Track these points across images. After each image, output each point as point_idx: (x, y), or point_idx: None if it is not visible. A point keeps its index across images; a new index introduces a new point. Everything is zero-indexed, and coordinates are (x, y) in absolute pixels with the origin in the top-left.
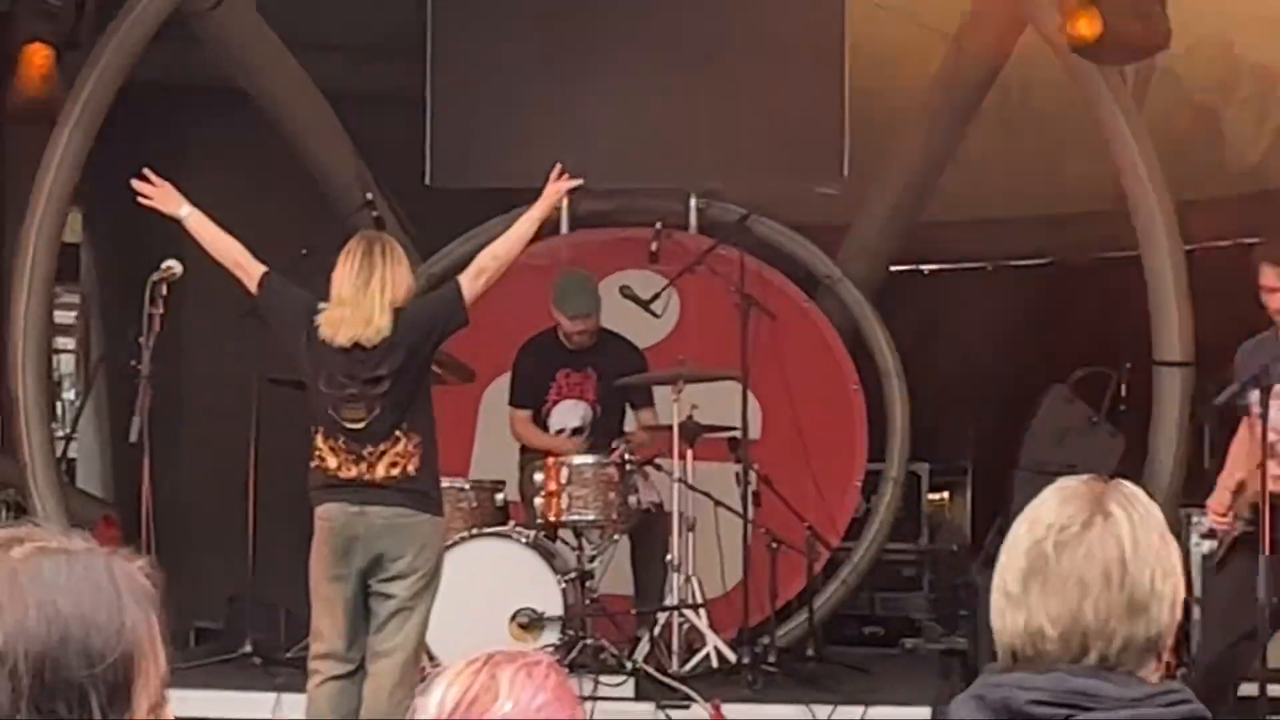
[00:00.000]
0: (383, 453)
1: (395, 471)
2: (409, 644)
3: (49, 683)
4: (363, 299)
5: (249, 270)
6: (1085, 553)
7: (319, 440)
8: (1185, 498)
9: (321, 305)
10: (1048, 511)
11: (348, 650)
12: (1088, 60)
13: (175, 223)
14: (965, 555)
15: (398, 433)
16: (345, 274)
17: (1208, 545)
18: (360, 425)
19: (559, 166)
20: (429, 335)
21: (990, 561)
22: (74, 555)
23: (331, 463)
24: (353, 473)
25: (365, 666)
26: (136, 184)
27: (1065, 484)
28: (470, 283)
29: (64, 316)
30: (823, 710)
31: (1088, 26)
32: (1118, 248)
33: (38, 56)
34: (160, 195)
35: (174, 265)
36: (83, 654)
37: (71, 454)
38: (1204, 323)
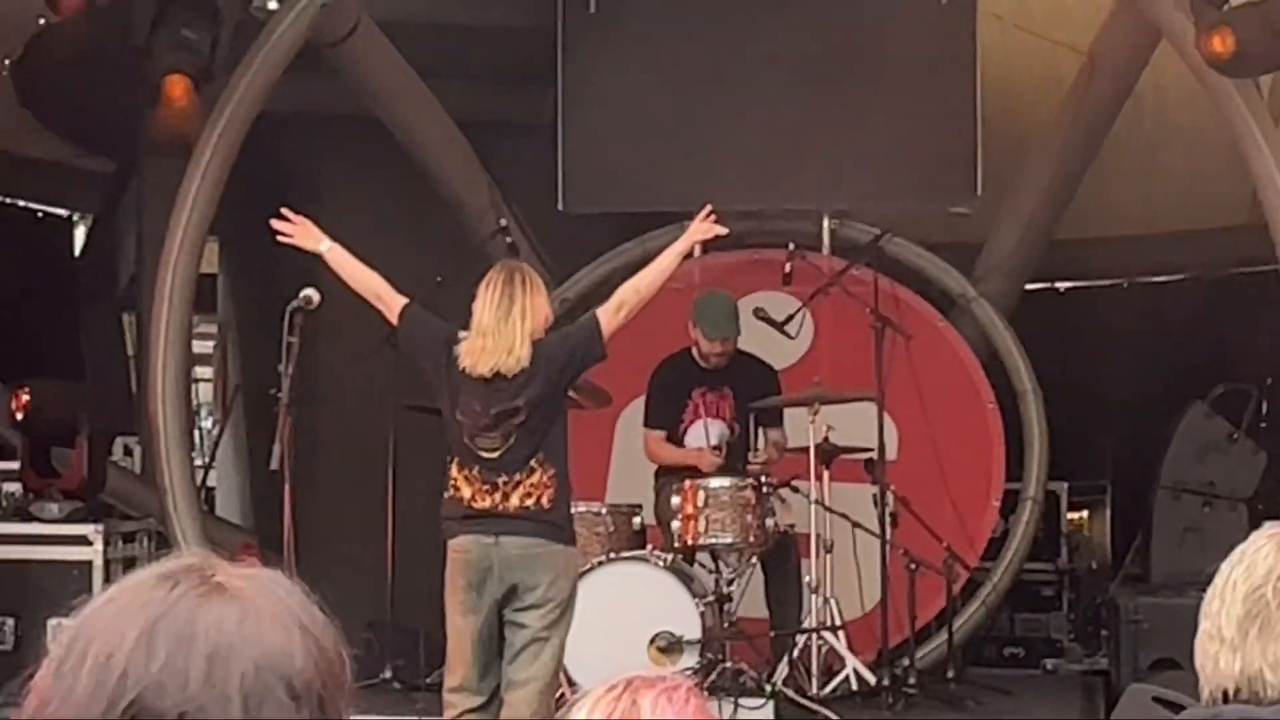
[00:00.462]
0: (518, 483)
1: (529, 503)
2: (545, 674)
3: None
4: (504, 328)
5: (389, 303)
6: None
7: (454, 470)
8: None
9: (461, 334)
10: (1264, 557)
11: (480, 682)
12: (1222, 75)
13: (316, 257)
14: (1105, 574)
15: (533, 463)
16: (487, 303)
17: None
18: (495, 455)
19: (708, 208)
20: (566, 368)
21: (1130, 580)
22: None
23: (466, 492)
24: (487, 503)
25: (501, 696)
26: (276, 223)
27: (1276, 529)
28: (610, 317)
29: (202, 346)
30: None
31: (1221, 44)
32: (1256, 262)
33: (177, 89)
34: (300, 232)
35: (312, 294)
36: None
37: (210, 482)
38: None
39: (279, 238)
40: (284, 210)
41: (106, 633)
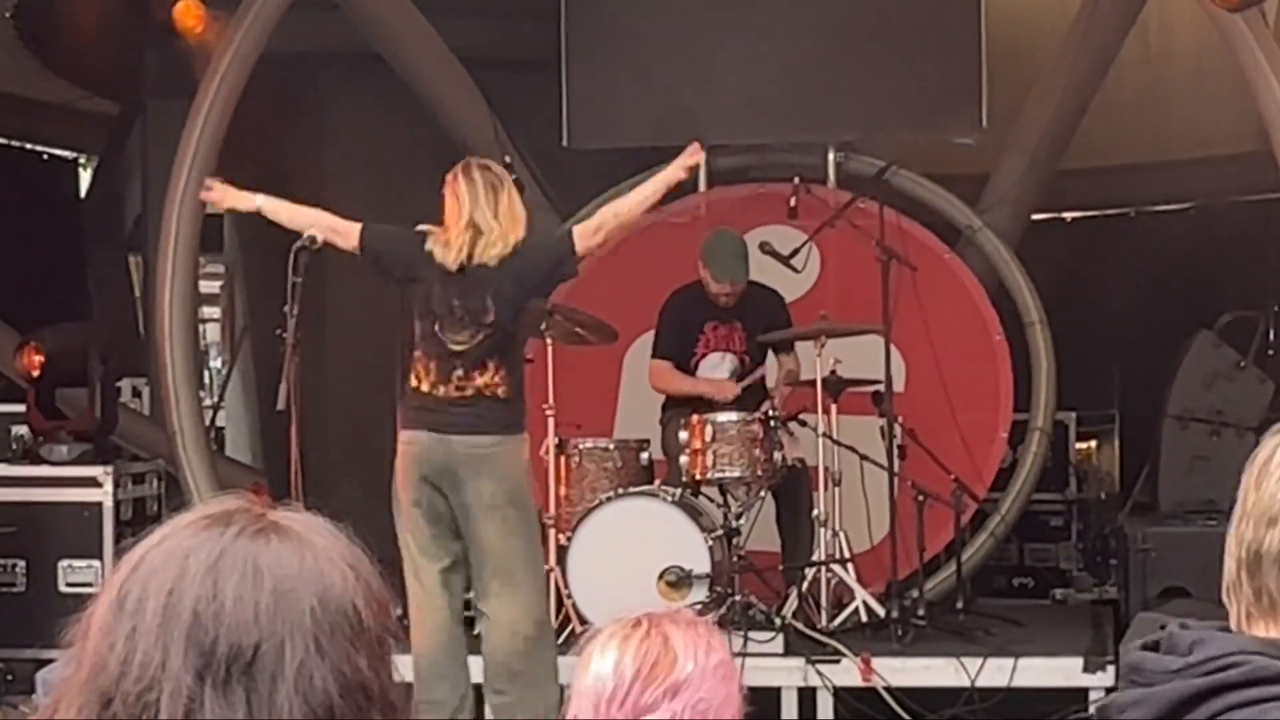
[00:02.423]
0: (474, 378)
1: (486, 393)
2: (529, 612)
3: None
4: (492, 222)
5: (344, 230)
6: None
7: (416, 365)
8: None
9: (429, 229)
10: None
11: (435, 549)
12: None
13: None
14: (1114, 504)
15: (490, 364)
16: (470, 196)
17: None
18: (462, 349)
19: (697, 143)
20: (545, 279)
21: (1139, 509)
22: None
23: (425, 384)
24: (441, 392)
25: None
26: (202, 195)
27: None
28: (585, 237)
29: (209, 286)
30: (973, 663)
31: None
32: (1263, 190)
33: (190, 16)
34: (222, 196)
35: (316, 234)
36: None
37: (219, 423)
38: None
39: (207, 209)
40: (206, 180)
41: (166, 570)
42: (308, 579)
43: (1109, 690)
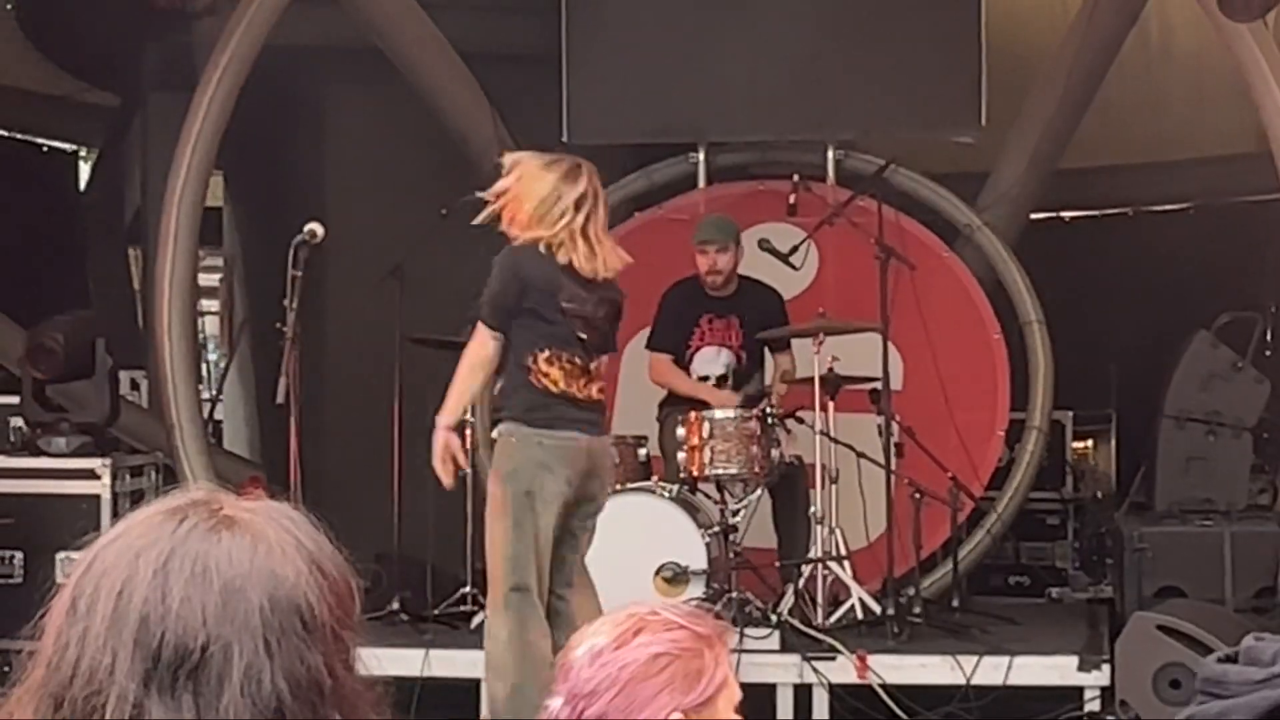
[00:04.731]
0: (598, 372)
1: (600, 396)
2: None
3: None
4: (605, 241)
5: (480, 344)
6: None
7: (542, 364)
8: None
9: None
10: None
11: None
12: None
13: (320, 187)
14: (1110, 503)
15: (600, 367)
16: (593, 214)
17: None
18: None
19: None
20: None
21: (1136, 509)
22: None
23: (563, 382)
24: (582, 392)
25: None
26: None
27: None
28: None
29: (208, 280)
30: (968, 661)
31: None
32: (1262, 190)
33: None
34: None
35: (316, 228)
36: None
37: (217, 416)
38: None
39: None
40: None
41: (117, 570)
42: (258, 576)
43: (1104, 690)
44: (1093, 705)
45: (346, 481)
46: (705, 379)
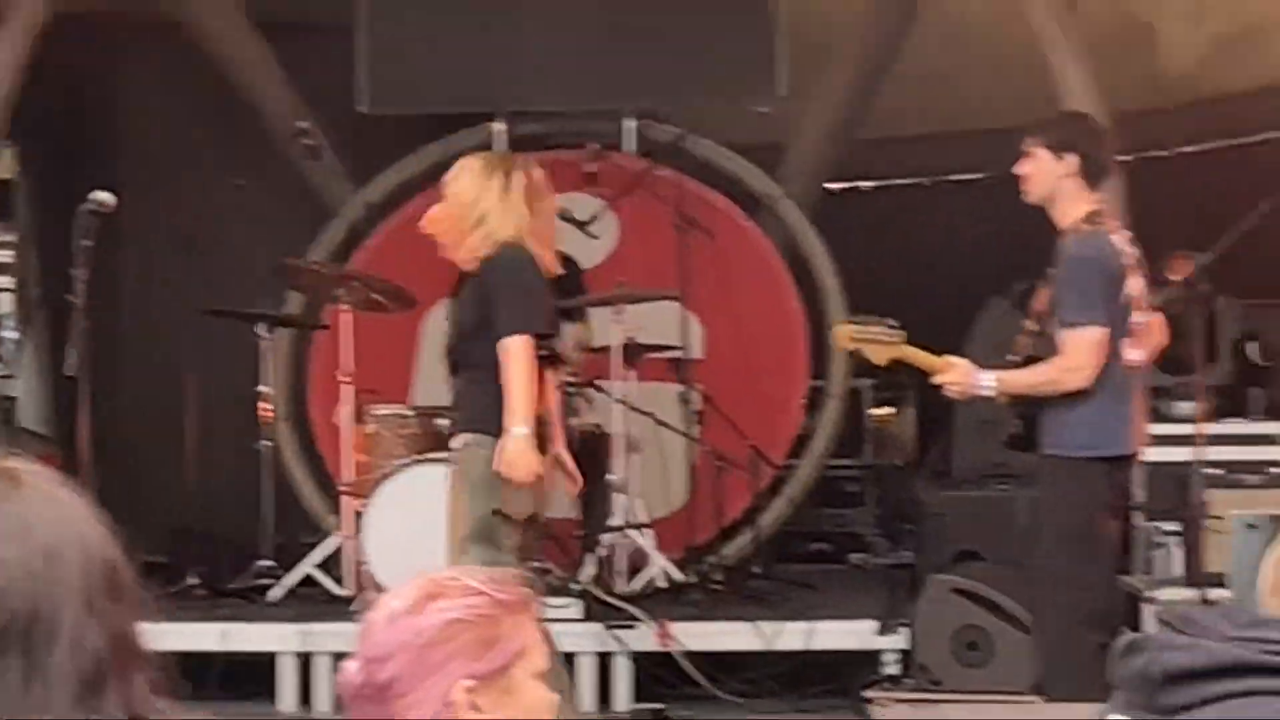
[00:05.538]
0: None
1: None
2: None
3: None
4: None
5: (525, 358)
6: None
7: None
8: None
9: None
10: None
11: None
12: None
13: (115, 159)
14: (910, 470)
15: None
16: (543, 206)
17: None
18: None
19: None
20: None
21: (935, 475)
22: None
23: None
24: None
25: None
26: None
27: None
28: None
29: (2, 255)
30: (769, 627)
31: None
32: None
33: None
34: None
35: (104, 196)
36: None
37: (13, 392)
38: (1141, 231)
39: None
40: None
41: None
42: (72, 537)
43: (904, 653)
44: (892, 669)
45: (142, 455)
46: None
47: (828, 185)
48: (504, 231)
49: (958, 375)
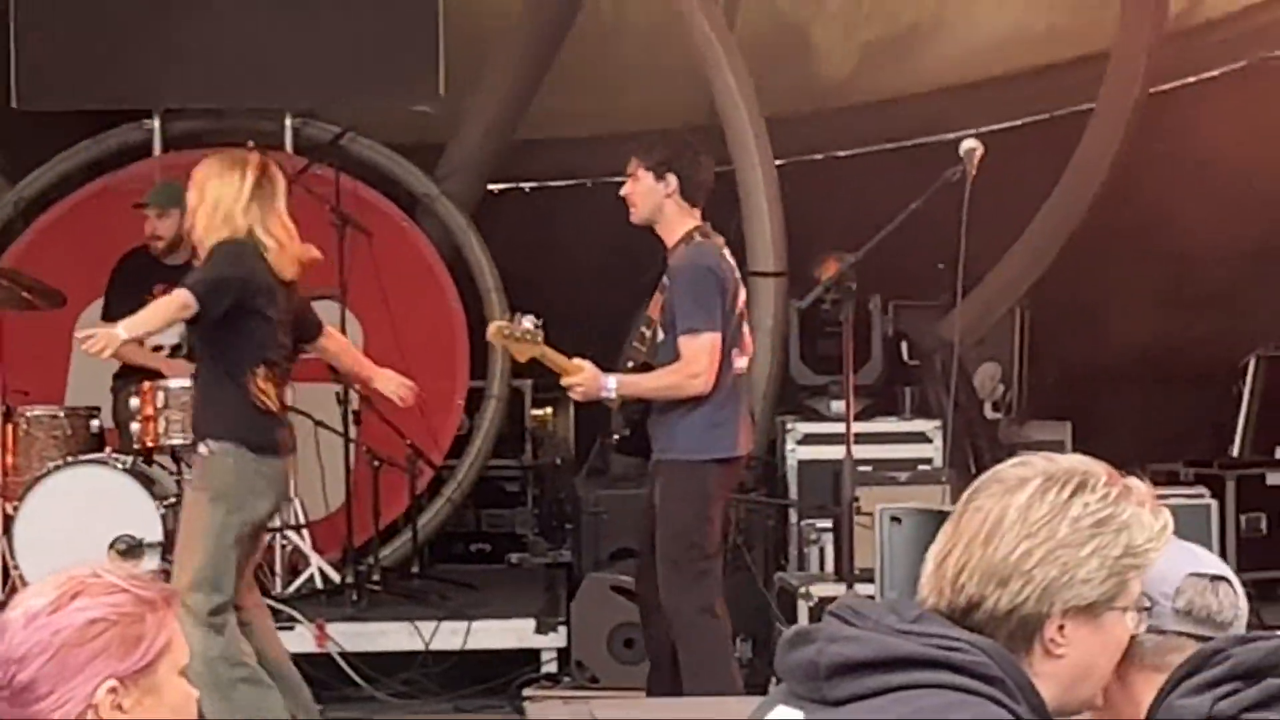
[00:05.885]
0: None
1: None
2: None
3: None
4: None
5: (180, 304)
6: None
7: (260, 381)
8: (780, 405)
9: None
10: None
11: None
12: None
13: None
14: (569, 470)
15: None
16: (278, 207)
17: (804, 452)
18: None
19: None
20: None
21: (593, 474)
22: None
23: (275, 397)
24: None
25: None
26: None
27: None
28: None
29: None
30: (427, 626)
31: None
32: (714, 163)
33: None
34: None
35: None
36: None
37: None
38: (794, 232)
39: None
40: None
41: None
42: None
43: (561, 651)
44: (550, 666)
45: None
46: (159, 349)
47: (490, 186)
48: (220, 232)
49: (584, 378)
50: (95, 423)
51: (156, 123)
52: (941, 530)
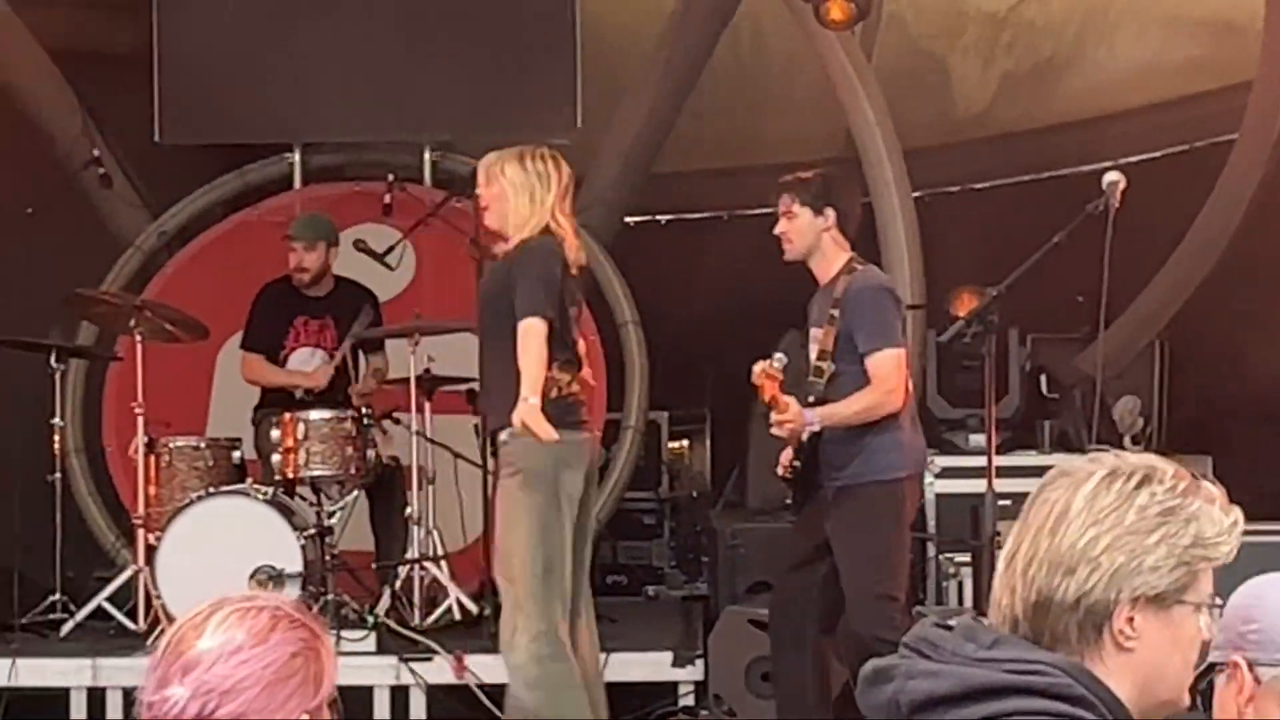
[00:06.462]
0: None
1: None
2: None
3: None
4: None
5: (539, 335)
6: None
7: (555, 371)
8: None
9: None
10: None
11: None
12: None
13: None
14: (705, 502)
15: None
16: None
17: (942, 485)
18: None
19: None
20: None
21: (729, 507)
22: None
23: (574, 386)
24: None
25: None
26: None
27: None
28: None
29: None
30: None
31: (839, 11)
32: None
33: None
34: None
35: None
36: None
37: None
38: (932, 265)
39: None
40: None
41: None
42: None
43: (698, 684)
44: (687, 700)
45: None
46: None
47: (626, 218)
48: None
49: (793, 414)
50: (237, 454)
51: (297, 156)
52: (1012, 530)
